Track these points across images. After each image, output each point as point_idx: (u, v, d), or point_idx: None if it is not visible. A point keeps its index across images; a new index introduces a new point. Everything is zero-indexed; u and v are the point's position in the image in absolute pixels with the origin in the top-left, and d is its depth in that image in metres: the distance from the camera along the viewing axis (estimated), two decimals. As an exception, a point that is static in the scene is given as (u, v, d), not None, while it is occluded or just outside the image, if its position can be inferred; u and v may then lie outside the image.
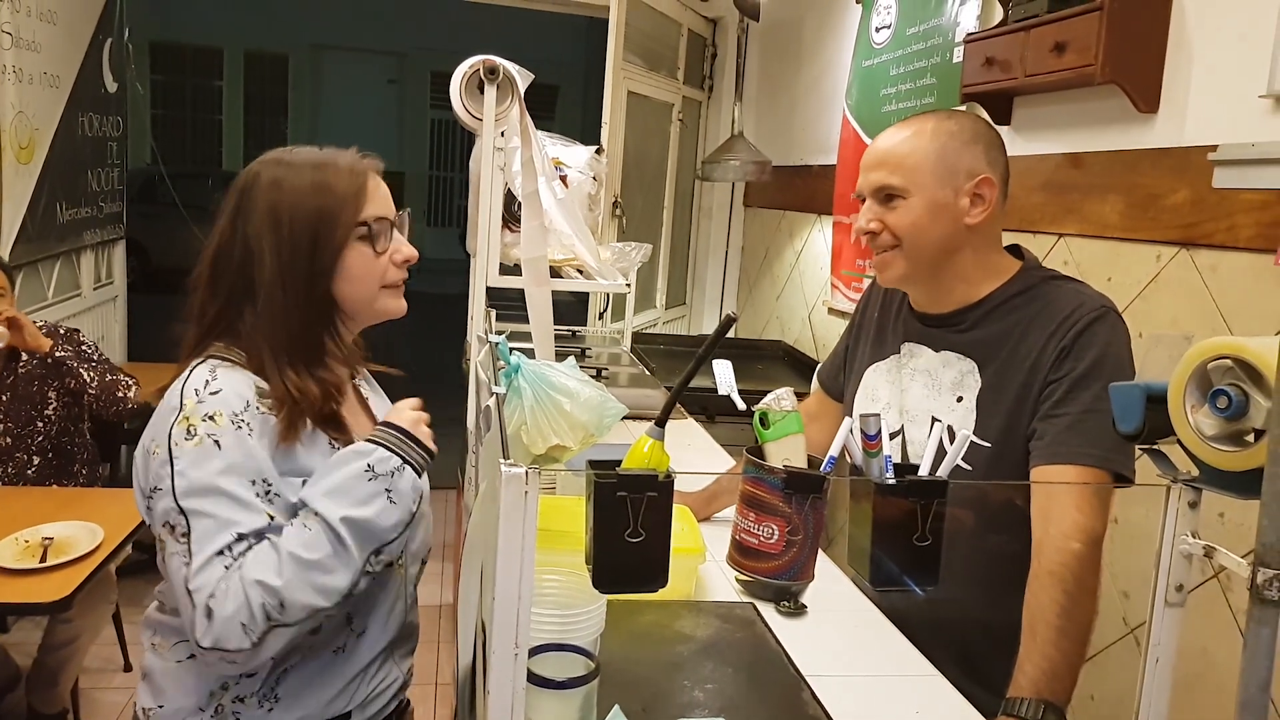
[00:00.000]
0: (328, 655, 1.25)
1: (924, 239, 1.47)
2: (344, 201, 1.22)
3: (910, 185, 1.46)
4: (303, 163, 1.24)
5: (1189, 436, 0.80)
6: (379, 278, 1.25)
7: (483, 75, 2.15)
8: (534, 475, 0.79)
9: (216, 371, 1.17)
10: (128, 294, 4.87)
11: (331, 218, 1.21)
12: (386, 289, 1.27)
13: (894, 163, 1.47)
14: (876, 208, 1.49)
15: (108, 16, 4.36)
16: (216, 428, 1.12)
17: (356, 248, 1.23)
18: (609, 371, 2.87)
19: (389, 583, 1.30)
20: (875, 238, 1.50)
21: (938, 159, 1.46)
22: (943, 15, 2.92)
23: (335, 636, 1.25)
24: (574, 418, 1.53)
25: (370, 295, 1.25)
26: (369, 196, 1.24)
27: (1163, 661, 0.89)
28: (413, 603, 1.37)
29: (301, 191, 1.22)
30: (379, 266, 1.25)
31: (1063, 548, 1.31)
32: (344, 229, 1.22)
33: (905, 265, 1.49)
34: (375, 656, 1.30)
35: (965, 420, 1.47)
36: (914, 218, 1.46)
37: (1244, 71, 1.84)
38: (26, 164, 3.53)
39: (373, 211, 1.24)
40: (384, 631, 1.31)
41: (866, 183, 1.51)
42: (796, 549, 1.39)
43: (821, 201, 3.78)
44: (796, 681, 1.25)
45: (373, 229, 1.24)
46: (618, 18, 3.63)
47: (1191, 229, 1.95)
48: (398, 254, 1.27)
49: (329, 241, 1.21)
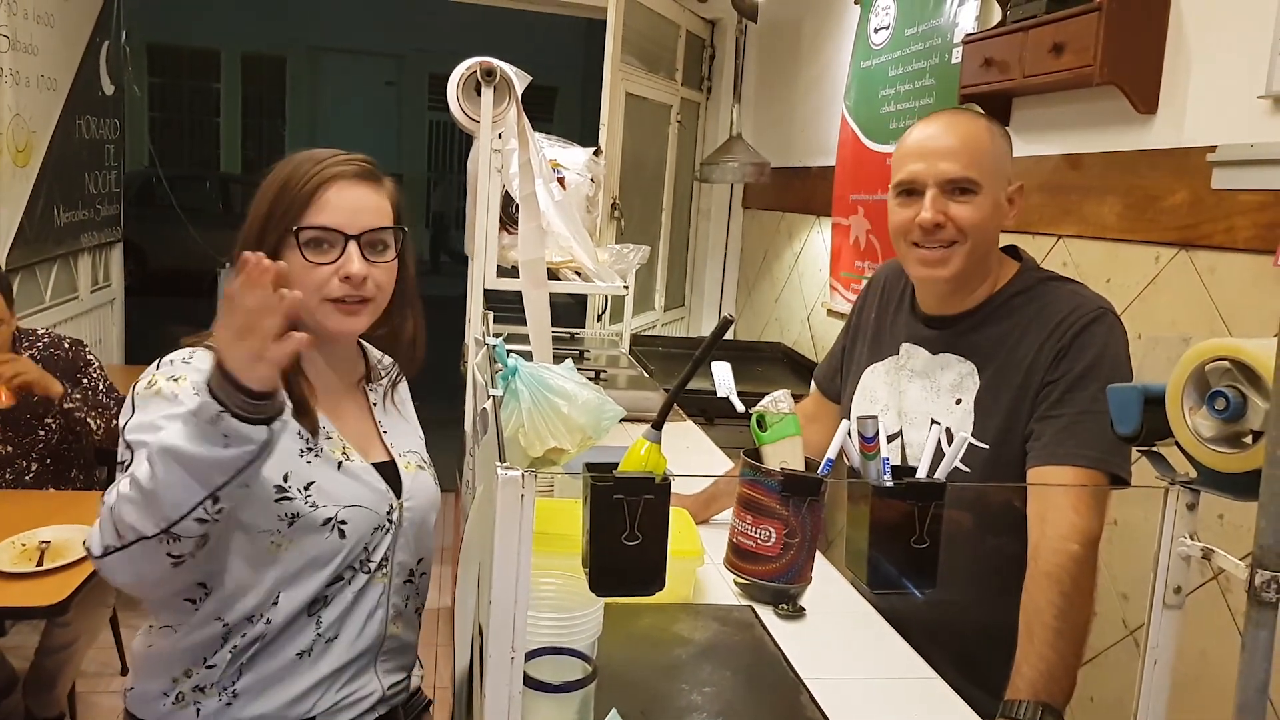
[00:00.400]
0: (290, 658, 1.23)
1: (985, 238, 1.45)
2: (289, 205, 1.20)
3: (984, 180, 1.43)
4: (291, 160, 1.25)
5: (1187, 438, 0.80)
6: (317, 289, 1.21)
7: (480, 77, 2.15)
8: (530, 478, 0.79)
9: (195, 353, 1.20)
10: (125, 297, 4.87)
11: (273, 218, 1.21)
12: (330, 303, 1.22)
13: (970, 155, 1.42)
14: (943, 200, 1.43)
15: (105, 19, 4.35)
16: (177, 387, 1.14)
17: (294, 254, 1.20)
18: (607, 373, 2.87)
19: (367, 590, 1.28)
20: (939, 231, 1.43)
21: (1000, 158, 1.45)
22: (941, 16, 2.92)
23: (298, 638, 1.23)
24: (572, 420, 1.53)
25: (307, 306, 1.19)
26: (317, 203, 1.21)
27: (1161, 664, 0.89)
28: (399, 614, 1.33)
29: (266, 189, 1.23)
30: (316, 277, 1.21)
31: (1060, 549, 1.31)
32: (278, 232, 1.20)
33: (964, 263, 1.45)
34: (346, 664, 1.27)
35: (964, 422, 1.46)
36: (984, 214, 1.43)
37: (1242, 72, 1.84)
38: (24, 167, 3.53)
39: (318, 219, 1.20)
40: (357, 640, 1.28)
41: (935, 172, 1.43)
42: (794, 552, 1.39)
43: (820, 203, 3.77)
44: (795, 684, 1.25)
45: (305, 237, 1.20)
46: (616, 19, 3.63)
47: (1190, 230, 1.95)
48: (342, 270, 1.21)
49: (268, 240, 1.20)
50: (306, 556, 1.21)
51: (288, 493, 1.19)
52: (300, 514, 1.19)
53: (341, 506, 1.23)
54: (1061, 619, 1.29)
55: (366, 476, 1.28)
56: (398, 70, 14.85)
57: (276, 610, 1.21)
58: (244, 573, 1.20)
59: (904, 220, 1.47)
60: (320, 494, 1.21)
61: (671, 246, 4.74)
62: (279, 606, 1.21)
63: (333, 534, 1.22)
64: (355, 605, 1.27)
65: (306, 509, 1.20)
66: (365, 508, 1.25)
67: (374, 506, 1.27)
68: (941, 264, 1.45)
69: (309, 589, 1.23)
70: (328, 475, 1.23)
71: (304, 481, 1.21)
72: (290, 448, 1.21)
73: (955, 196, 1.43)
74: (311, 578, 1.23)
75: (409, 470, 1.35)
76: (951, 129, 1.45)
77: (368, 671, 1.31)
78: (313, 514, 1.20)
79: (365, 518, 1.25)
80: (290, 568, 1.21)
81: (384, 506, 1.28)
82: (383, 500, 1.28)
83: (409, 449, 1.38)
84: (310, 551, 1.21)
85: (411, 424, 1.44)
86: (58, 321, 3.92)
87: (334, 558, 1.23)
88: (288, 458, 1.20)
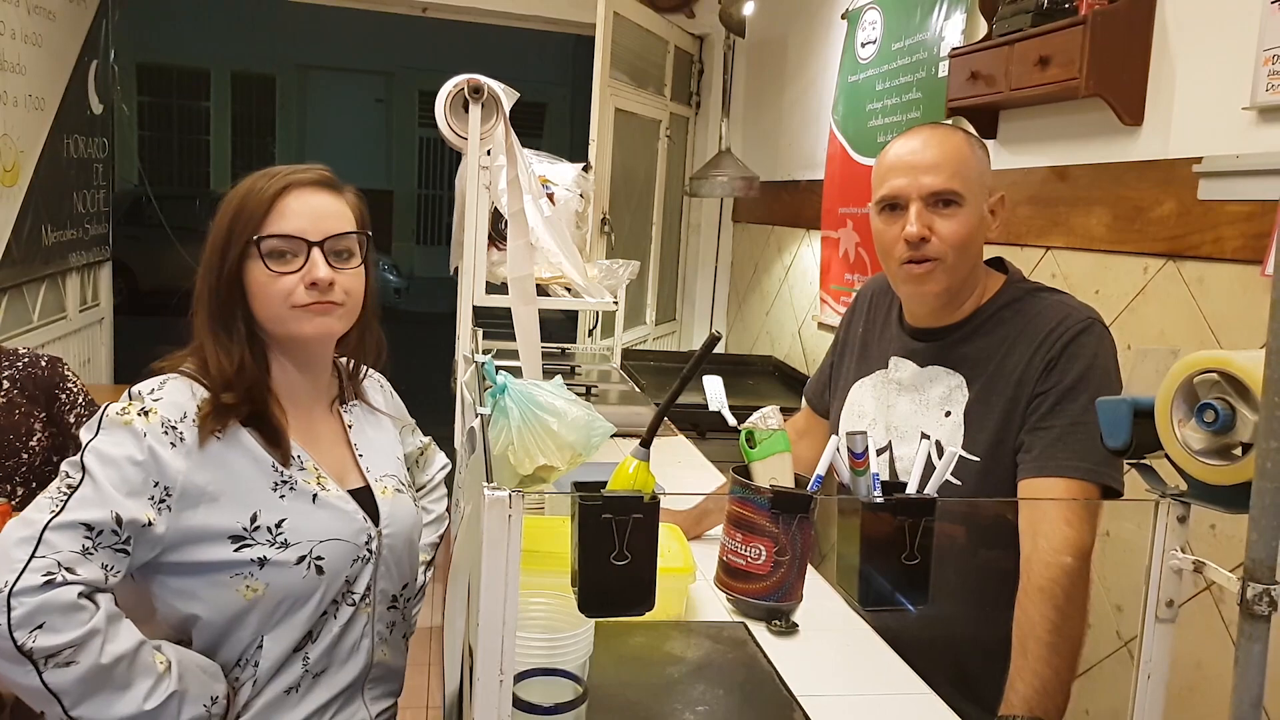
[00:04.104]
0: (278, 694, 1.21)
1: (968, 251, 1.44)
2: (250, 216, 1.19)
3: (967, 193, 1.42)
4: (249, 177, 1.24)
5: (1176, 451, 0.80)
6: (283, 298, 1.20)
7: (467, 94, 2.15)
8: (518, 499, 0.78)
9: (166, 383, 1.18)
10: (114, 316, 4.85)
11: (234, 233, 1.20)
12: (297, 310, 1.20)
13: (953, 168, 1.42)
14: (927, 214, 1.42)
15: (93, 39, 4.35)
16: (147, 424, 1.12)
17: (257, 266, 1.20)
18: (598, 389, 2.86)
19: (353, 622, 1.26)
20: (923, 245, 1.42)
21: (981, 170, 1.44)
22: (927, 30, 2.93)
23: (285, 676, 1.21)
24: (561, 437, 1.52)
25: (277, 315, 1.20)
26: (277, 212, 1.20)
27: (1155, 677, 0.88)
28: (384, 640, 1.31)
29: (227, 204, 1.22)
30: (281, 286, 1.19)
31: (1052, 562, 1.30)
32: (239, 245, 1.19)
33: (947, 278, 1.44)
34: (334, 697, 1.25)
35: (954, 435, 1.46)
36: (968, 228, 1.42)
37: (1227, 84, 1.85)
38: (11, 187, 3.52)
39: (278, 228, 1.19)
40: (343, 671, 1.26)
41: (918, 186, 1.42)
42: (784, 569, 1.38)
43: (809, 216, 3.78)
44: (789, 701, 1.24)
45: (267, 247, 1.19)
46: (604, 35, 3.64)
47: (1178, 241, 1.96)
48: (308, 276, 1.20)
49: (228, 255, 1.20)
50: (284, 597, 1.18)
51: (247, 539, 1.16)
52: (268, 558, 1.16)
53: (317, 542, 1.20)
54: (1055, 633, 1.28)
55: (344, 506, 1.24)
56: (387, 88, 14.86)
57: (262, 654, 1.19)
58: (220, 621, 1.18)
59: (890, 236, 1.46)
60: (293, 531, 1.18)
61: (662, 261, 4.74)
62: (264, 650, 1.19)
63: (310, 571, 1.19)
64: (341, 638, 1.25)
65: (274, 551, 1.17)
66: (342, 540, 1.22)
67: (351, 538, 1.23)
68: (927, 279, 1.45)
69: (293, 630, 1.20)
70: (302, 509, 1.20)
71: (275, 519, 1.18)
72: (259, 483, 1.18)
73: (939, 210, 1.42)
74: (294, 618, 1.20)
75: (386, 495, 1.31)
76: (932, 142, 1.45)
77: (355, 700, 1.29)
78: (282, 554, 1.17)
79: (342, 551, 1.22)
80: (268, 610, 1.18)
81: (361, 537, 1.25)
82: (360, 531, 1.25)
83: (385, 472, 1.34)
84: (288, 591, 1.18)
85: (389, 435, 1.41)
86: (46, 341, 3.90)
87: (313, 595, 1.20)
88: (256, 494, 1.18)
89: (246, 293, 1.21)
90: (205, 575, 1.16)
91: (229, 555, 1.15)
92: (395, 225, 14.91)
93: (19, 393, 2.62)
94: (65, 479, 1.10)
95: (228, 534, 1.15)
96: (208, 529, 1.14)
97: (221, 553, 1.15)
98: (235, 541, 1.15)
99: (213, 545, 1.15)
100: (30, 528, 1.05)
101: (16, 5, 3.49)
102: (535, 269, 2.25)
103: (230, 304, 1.21)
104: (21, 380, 2.61)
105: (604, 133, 3.74)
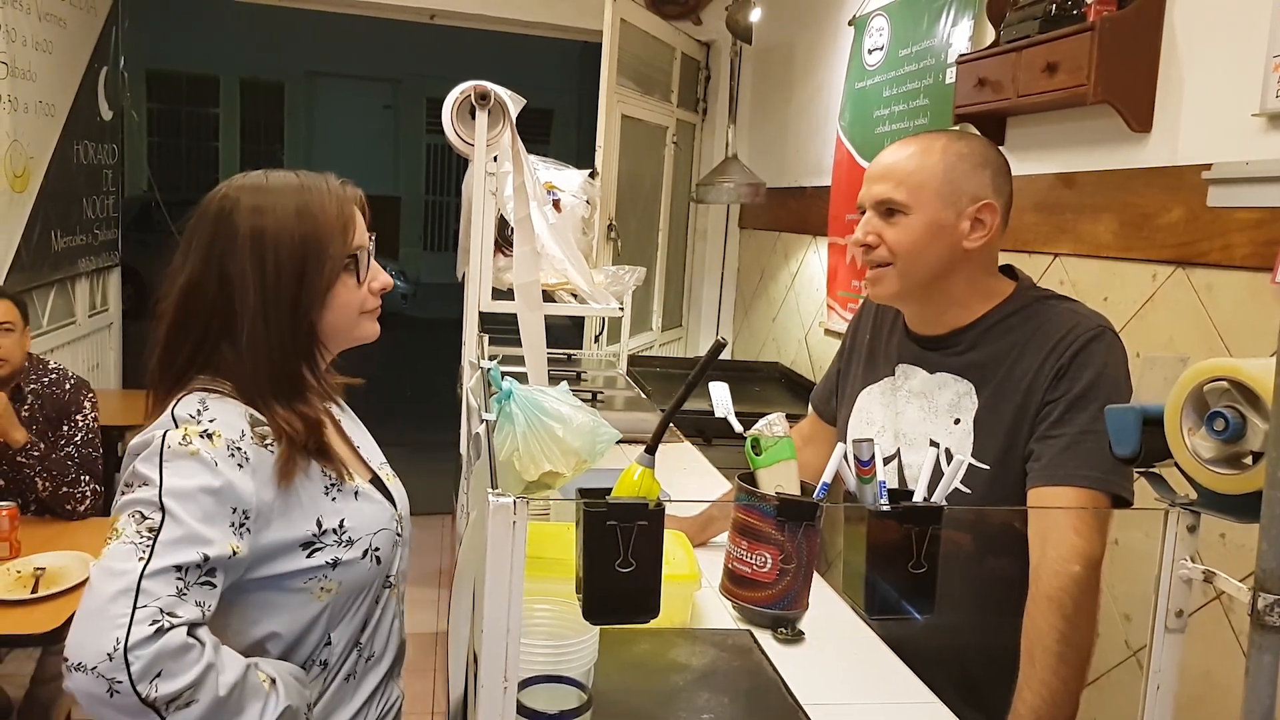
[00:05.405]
0: (339, 683, 1.23)
1: (920, 259, 1.45)
2: (333, 232, 1.20)
3: (913, 202, 1.44)
4: (283, 188, 1.20)
5: (1186, 460, 0.79)
6: (359, 305, 1.25)
7: (474, 101, 2.15)
8: (523, 505, 0.78)
9: (206, 401, 1.14)
10: (123, 321, 4.86)
11: (320, 248, 1.19)
12: (364, 315, 1.26)
13: (899, 177, 1.45)
14: (876, 221, 1.47)
15: (103, 45, 4.37)
16: (212, 448, 1.09)
17: (343, 278, 1.22)
18: (605, 394, 2.86)
19: (390, 604, 1.29)
20: (870, 251, 1.47)
21: (944, 179, 1.44)
22: (935, 37, 2.93)
23: (345, 663, 1.23)
24: (566, 444, 1.52)
25: (350, 323, 1.25)
26: (352, 226, 1.23)
27: (1164, 689, 0.88)
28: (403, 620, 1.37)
29: (287, 219, 1.18)
30: (360, 295, 1.25)
31: (1061, 571, 1.29)
32: (334, 260, 1.20)
33: (898, 283, 1.47)
34: (381, 679, 1.29)
35: (963, 442, 1.45)
36: (913, 236, 1.44)
37: (1236, 90, 1.84)
38: (21, 192, 3.53)
39: (359, 241, 1.24)
40: (388, 653, 1.30)
41: (869, 194, 1.48)
42: (790, 578, 1.38)
43: (816, 223, 3.78)
44: (794, 710, 1.24)
45: (359, 259, 1.24)
46: (611, 42, 3.65)
47: (1186, 248, 1.95)
48: (374, 281, 1.27)
49: (318, 272, 1.19)
50: (352, 592, 1.21)
51: (317, 544, 1.17)
52: (340, 558, 1.18)
53: (372, 534, 1.23)
54: (1063, 643, 1.27)
55: (375, 497, 1.28)
56: (395, 94, 14.91)
57: (330, 650, 1.20)
58: (295, 629, 1.18)
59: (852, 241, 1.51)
60: (354, 529, 1.21)
61: (668, 267, 4.74)
62: (332, 646, 1.21)
63: (371, 563, 1.22)
64: (382, 621, 1.28)
65: (343, 550, 1.18)
66: (386, 528, 1.26)
67: (389, 525, 1.27)
68: (876, 283, 1.49)
69: (354, 622, 1.23)
70: (353, 507, 1.22)
71: (337, 521, 1.19)
72: (315, 490, 1.19)
73: (887, 218, 1.46)
74: (356, 610, 1.23)
75: (390, 481, 1.35)
76: (893, 151, 1.49)
77: (391, 680, 1.33)
78: (350, 552, 1.19)
79: (388, 538, 1.26)
80: (338, 607, 1.20)
81: (394, 523, 1.28)
82: (392, 517, 1.29)
83: (380, 460, 1.38)
84: (356, 586, 1.21)
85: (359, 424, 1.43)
86: (54, 346, 3.91)
87: (372, 585, 1.24)
88: (316, 500, 1.19)
89: (324, 306, 1.21)
90: (282, 586, 1.16)
91: (303, 563, 1.16)
92: (402, 231, 14.95)
93: (39, 409, 2.65)
94: (142, 520, 1.05)
95: (299, 543, 1.16)
96: (282, 542, 1.15)
97: (296, 562, 1.16)
98: (306, 548, 1.16)
99: (287, 557, 1.15)
100: (124, 579, 1.01)
101: (28, 12, 3.50)
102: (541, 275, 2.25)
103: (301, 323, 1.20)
104: (43, 398, 2.64)
105: (610, 139, 3.74)
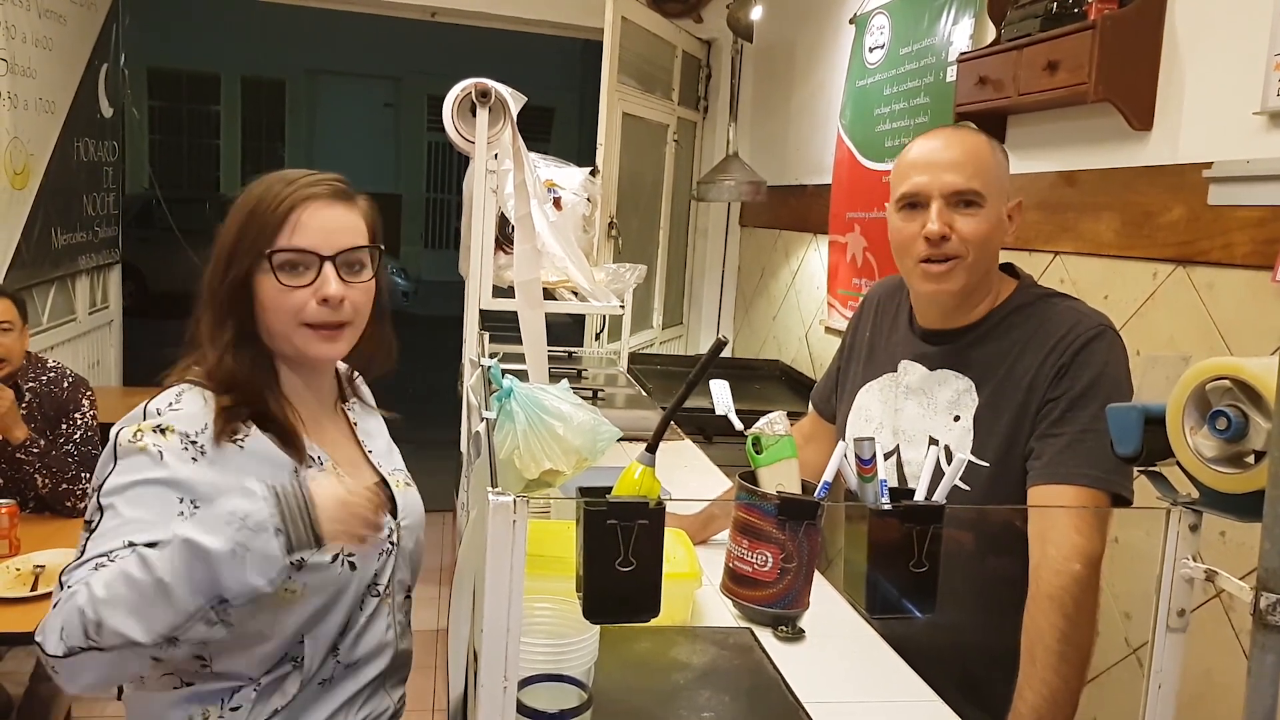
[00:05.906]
0: (313, 688, 1.22)
1: (987, 252, 1.44)
2: (262, 226, 1.18)
3: (989, 193, 1.42)
4: (262, 182, 1.22)
5: (1188, 459, 0.79)
6: (293, 313, 1.18)
7: (474, 98, 2.15)
8: (522, 504, 0.78)
9: (182, 396, 1.16)
10: (123, 318, 4.86)
11: (244, 241, 1.18)
12: (307, 328, 1.19)
13: (976, 167, 1.41)
14: (948, 212, 1.42)
15: (104, 42, 4.37)
16: (164, 441, 1.10)
17: (267, 277, 1.18)
18: (605, 392, 2.86)
19: (378, 613, 1.27)
20: (943, 243, 1.42)
21: (1003, 173, 1.44)
22: (935, 35, 2.92)
23: (320, 669, 1.22)
24: (567, 442, 1.52)
25: (286, 330, 1.19)
26: (291, 225, 1.18)
27: (1165, 688, 0.88)
28: (403, 630, 1.35)
29: (236, 212, 1.20)
30: (292, 301, 1.18)
31: (1061, 570, 1.29)
32: (250, 256, 1.18)
33: (965, 277, 1.43)
34: (364, 687, 1.27)
35: (963, 440, 1.45)
36: (988, 228, 1.42)
37: (1237, 88, 1.84)
38: (21, 189, 3.53)
39: (291, 242, 1.18)
40: (375, 663, 1.28)
41: (941, 184, 1.42)
42: (791, 576, 1.38)
43: (817, 221, 3.78)
44: (795, 708, 1.23)
45: (279, 260, 1.17)
46: (612, 40, 3.64)
47: (1187, 246, 1.95)
48: (319, 292, 1.18)
49: (237, 262, 1.18)
50: (324, 595, 1.19)
51: None
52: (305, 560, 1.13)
53: None
54: (1064, 642, 1.27)
55: None
56: (396, 92, 14.91)
57: (301, 649, 1.19)
58: (263, 627, 1.16)
59: (909, 234, 1.45)
60: None
61: (669, 265, 4.74)
62: (304, 646, 1.19)
63: (344, 568, 1.20)
64: (367, 630, 1.26)
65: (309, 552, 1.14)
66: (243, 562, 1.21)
67: None
68: (946, 278, 1.43)
69: (331, 626, 1.21)
70: None
71: None
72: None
73: (960, 209, 1.42)
74: (332, 615, 1.21)
75: (400, 488, 1.33)
76: (955, 142, 1.45)
77: (381, 691, 1.31)
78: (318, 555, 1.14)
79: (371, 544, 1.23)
80: (309, 610, 1.18)
81: (384, 530, 1.26)
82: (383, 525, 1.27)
83: (394, 466, 1.37)
84: (326, 589, 1.19)
85: (384, 428, 1.42)
86: (55, 343, 3.91)
87: (347, 591, 1.22)
88: None
89: (255, 302, 1.20)
90: None
91: None
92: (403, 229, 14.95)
93: (37, 407, 2.65)
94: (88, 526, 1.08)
95: None
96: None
97: None
98: None
99: None
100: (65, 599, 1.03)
101: (27, 9, 3.50)
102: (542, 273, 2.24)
103: (235, 309, 1.20)
104: (42, 396, 2.64)
105: (611, 137, 3.74)
